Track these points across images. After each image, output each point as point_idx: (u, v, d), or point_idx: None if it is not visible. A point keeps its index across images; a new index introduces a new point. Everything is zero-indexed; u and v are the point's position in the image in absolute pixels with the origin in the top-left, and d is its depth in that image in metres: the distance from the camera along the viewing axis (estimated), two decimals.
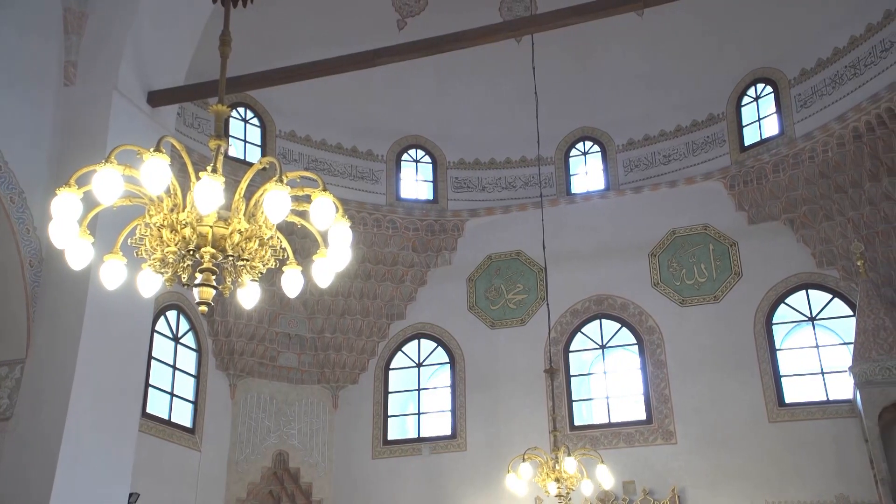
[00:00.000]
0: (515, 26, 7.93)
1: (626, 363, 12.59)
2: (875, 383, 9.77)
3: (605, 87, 13.17)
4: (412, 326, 13.43)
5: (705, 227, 12.45)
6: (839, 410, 10.89)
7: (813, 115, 11.42)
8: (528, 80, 11.42)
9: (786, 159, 11.59)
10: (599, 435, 11.91)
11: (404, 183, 13.71)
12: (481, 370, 12.82)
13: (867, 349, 10.04)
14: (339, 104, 13.23)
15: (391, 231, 13.21)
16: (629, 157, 13.24)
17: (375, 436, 12.87)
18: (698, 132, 12.79)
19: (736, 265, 12.11)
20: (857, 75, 10.87)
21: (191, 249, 3.81)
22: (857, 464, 10.46)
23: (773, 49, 11.99)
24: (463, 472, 12.23)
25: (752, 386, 11.43)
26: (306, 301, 12.87)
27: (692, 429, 11.50)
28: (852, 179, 11.01)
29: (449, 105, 13.59)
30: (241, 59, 8.60)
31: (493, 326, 13.06)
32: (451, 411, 12.81)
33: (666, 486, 11.24)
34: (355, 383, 13.21)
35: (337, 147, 13.41)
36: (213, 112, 4.22)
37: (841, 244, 11.30)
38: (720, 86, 12.61)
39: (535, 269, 12.99)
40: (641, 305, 12.42)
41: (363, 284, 13.14)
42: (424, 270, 13.47)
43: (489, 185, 13.69)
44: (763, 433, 11.15)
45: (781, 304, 11.85)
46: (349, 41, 11.51)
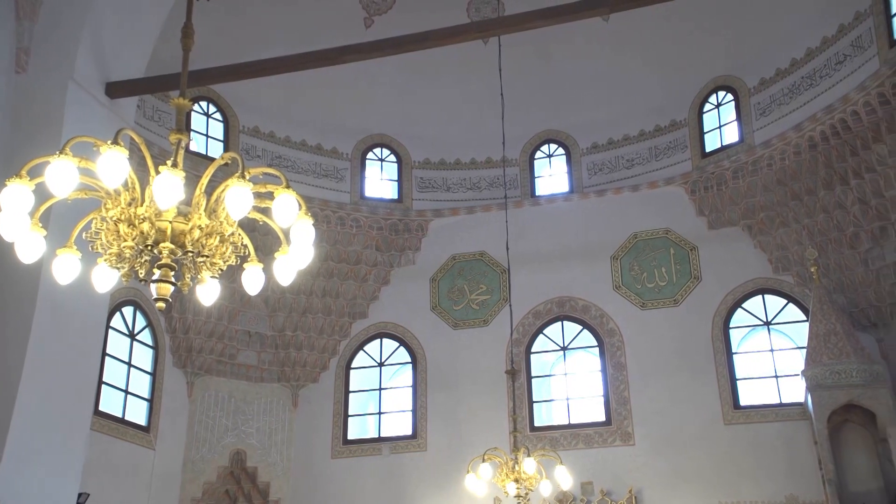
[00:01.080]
0: (482, 27, 7.92)
1: (586, 365, 12.71)
2: (825, 387, 10.01)
3: (570, 90, 13.27)
4: (374, 326, 13.37)
5: (666, 232, 12.62)
6: (791, 413, 11.13)
7: (771, 123, 11.66)
8: (494, 82, 11.45)
9: (745, 166, 11.81)
10: (559, 436, 12.00)
11: (369, 182, 13.65)
12: (443, 370, 12.82)
13: (819, 354, 10.27)
14: (305, 101, 13.12)
15: (355, 230, 13.14)
16: (593, 161, 13.36)
17: (335, 435, 12.78)
18: (661, 137, 12.97)
19: (695, 269, 12.30)
20: (814, 86, 11.13)
21: (149, 245, 3.73)
22: (806, 465, 10.70)
23: (735, 58, 12.21)
24: (423, 472, 12.22)
25: (708, 389, 11.62)
26: (267, 298, 12.73)
27: (650, 430, 11.64)
28: (807, 187, 11.27)
29: (415, 104, 13.56)
30: (205, 52, 8.45)
31: (455, 327, 13.07)
32: (412, 411, 12.78)
33: (623, 486, 11.36)
34: (316, 382, 13.11)
35: (301, 144, 13.29)
36: (175, 105, 4.14)
37: (796, 251, 11.55)
38: (683, 92, 12.80)
39: (498, 271, 13.04)
40: (603, 308, 12.54)
41: (326, 283, 13.04)
42: (388, 270, 13.43)
43: (454, 186, 13.70)
44: (719, 435, 11.34)
45: (738, 309, 12.06)
46: (315, 38, 11.42)
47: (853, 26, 10.64)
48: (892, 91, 9.77)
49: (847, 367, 9.99)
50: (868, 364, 10.04)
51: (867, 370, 9.96)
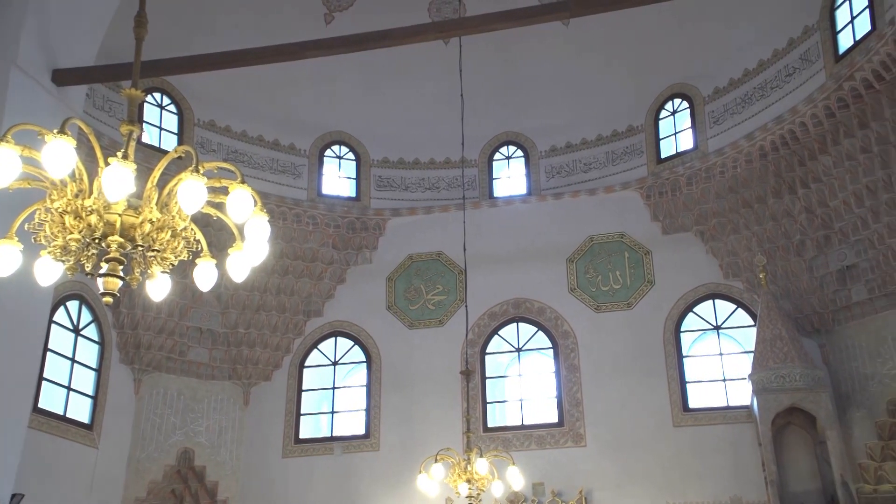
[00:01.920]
0: (443, 28, 7.91)
1: (540, 366, 12.80)
2: (770, 390, 10.26)
3: (530, 93, 13.36)
4: (329, 324, 13.28)
5: (622, 236, 12.79)
6: (737, 416, 11.38)
7: (724, 131, 11.91)
8: (454, 82, 11.47)
9: (698, 173, 12.04)
10: (512, 437, 12.07)
11: (326, 179, 13.54)
12: (398, 370, 12.79)
13: (765, 358, 10.52)
14: (262, 96, 12.96)
15: (311, 227, 13.02)
16: (551, 164, 13.47)
17: (287, 434, 12.65)
18: (618, 142, 13.13)
19: (649, 273, 12.49)
20: (765, 97, 11.41)
21: (96, 238, 3.63)
22: (750, 466, 10.94)
23: (690, 66, 12.43)
24: (375, 471, 12.17)
25: (659, 391, 11.81)
26: (220, 295, 12.53)
27: (601, 432, 11.78)
28: (758, 195, 11.54)
29: (374, 103, 13.50)
30: (160, 42, 8.27)
31: (411, 326, 13.04)
32: (366, 411, 12.72)
33: (574, 487, 11.48)
34: (268, 380, 12.96)
35: (258, 139, 13.12)
36: (126, 96, 4.03)
37: (745, 257, 11.81)
38: (640, 98, 12.99)
39: (455, 271, 13.05)
40: (558, 310, 12.65)
41: (280, 280, 12.89)
42: (344, 268, 13.34)
43: (412, 185, 13.67)
44: (668, 437, 11.54)
45: (690, 313, 12.29)
46: (274, 32, 11.27)
47: (802, 40, 10.94)
48: (838, 104, 10.06)
49: (791, 372, 10.25)
50: (811, 369, 10.32)
51: (810, 375, 10.24)
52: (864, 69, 9.49)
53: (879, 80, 9.40)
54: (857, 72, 9.60)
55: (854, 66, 9.62)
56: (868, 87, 9.60)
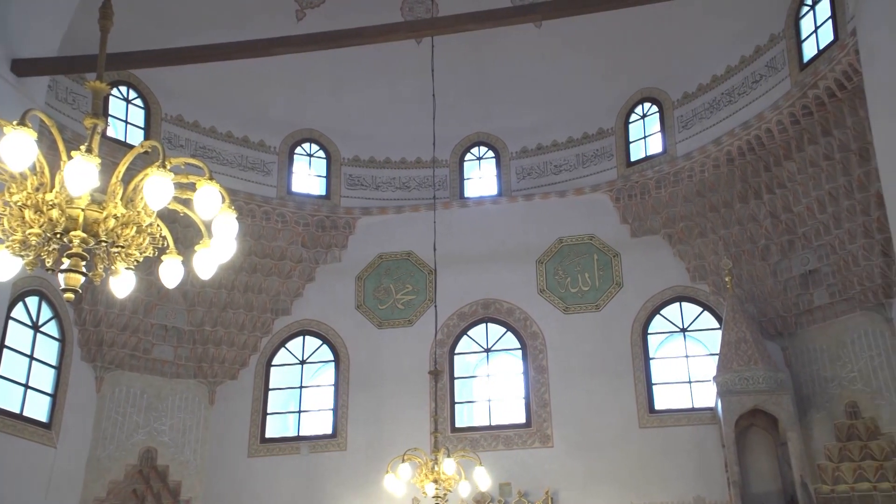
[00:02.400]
0: (415, 27, 7.93)
1: (509, 367, 12.84)
2: (734, 392, 10.41)
3: (501, 94, 13.40)
4: (297, 323, 13.18)
5: (591, 238, 12.88)
6: (702, 417, 11.53)
7: (693, 136, 12.06)
8: (426, 82, 11.45)
9: (667, 177, 12.17)
10: (479, 437, 12.09)
11: (296, 177, 13.44)
12: (366, 369, 12.74)
13: (729, 360, 10.67)
14: (232, 91, 12.82)
15: (280, 225, 12.92)
16: (522, 165, 13.52)
17: (253, 433, 12.54)
18: (588, 145, 13.23)
19: (617, 276, 12.60)
20: (732, 102, 11.57)
21: (58, 232, 3.56)
22: (713, 467, 11.09)
23: (660, 71, 12.56)
24: (342, 471, 12.11)
25: (626, 392, 11.91)
26: (186, 292, 12.38)
27: (568, 433, 11.86)
28: (724, 200, 11.70)
29: (346, 101, 13.43)
30: (127, 34, 8.13)
31: (380, 326, 13.01)
32: (333, 410, 12.66)
33: (541, 487, 11.53)
34: (234, 379, 12.84)
35: (227, 135, 12.97)
36: (91, 88, 3.96)
37: (712, 260, 11.97)
38: (610, 102, 13.10)
39: (424, 271, 13.04)
40: (527, 311, 12.70)
41: (248, 278, 12.77)
42: (313, 266, 13.26)
43: (383, 185, 13.63)
44: (633, 438, 11.64)
45: (657, 315, 12.41)
46: (245, 27, 11.17)
47: (768, 48, 11.12)
48: (802, 112, 10.25)
49: (755, 374, 10.42)
50: (774, 371, 10.49)
51: (773, 377, 10.41)
52: (827, 78, 9.68)
53: (841, 89, 9.59)
54: (820, 80, 9.78)
55: (818, 75, 9.80)
56: (831, 95, 9.79)
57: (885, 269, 9.90)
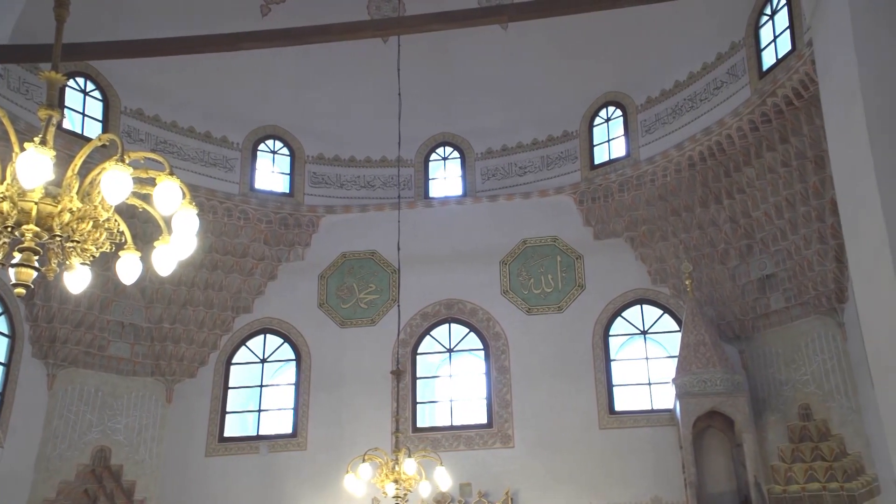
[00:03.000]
0: (382, 26, 7.89)
1: (471, 367, 12.87)
2: (692, 394, 10.57)
3: (467, 95, 13.42)
4: (259, 321, 13.06)
5: (554, 240, 12.97)
6: (660, 419, 11.69)
7: (655, 140, 12.22)
8: (392, 81, 11.42)
9: (630, 180, 12.32)
10: (441, 437, 12.10)
11: (259, 174, 13.30)
12: (328, 369, 12.67)
13: (688, 363, 10.84)
14: (194, 86, 12.64)
15: (243, 222, 12.77)
16: (487, 166, 13.56)
17: (211, 432, 12.38)
18: (553, 147, 13.32)
19: (580, 278, 12.71)
20: (694, 108, 11.76)
21: (9, 226, 3.47)
22: (671, 468, 11.25)
23: (624, 76, 12.71)
24: (301, 471, 12.02)
25: (586, 394, 12.02)
26: (144, 289, 12.17)
27: (529, 433, 11.93)
28: (686, 204, 11.88)
29: (311, 98, 13.33)
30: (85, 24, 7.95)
31: (342, 325, 12.94)
32: (294, 409, 12.55)
33: (501, 487, 11.58)
34: (193, 377, 12.66)
35: (189, 131, 12.78)
36: (45, 79, 3.88)
37: (673, 264, 12.15)
38: (575, 105, 13.20)
39: (388, 270, 13.01)
40: (490, 312, 12.75)
41: (209, 275, 12.61)
42: (275, 264, 13.14)
43: (348, 183, 13.56)
44: (593, 439, 11.76)
45: (618, 317, 12.55)
46: (209, 21, 11.04)
47: (729, 55, 11.32)
48: (761, 119, 10.45)
49: (713, 377, 10.59)
50: (731, 374, 10.68)
51: (730, 380, 10.59)
52: (785, 86, 9.88)
53: (798, 97, 9.81)
54: (778, 88, 9.98)
55: (776, 83, 10.00)
56: (788, 103, 10.00)
57: (838, 275, 10.14)
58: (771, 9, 10.65)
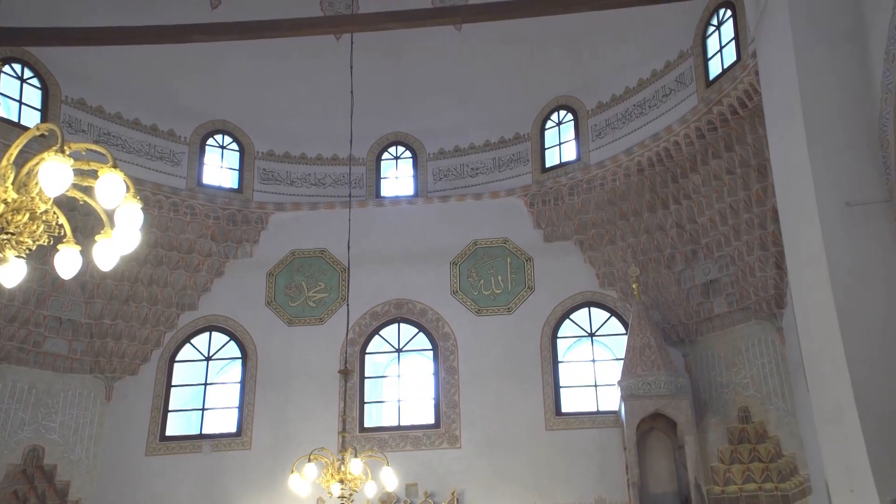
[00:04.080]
0: (335, 23, 7.87)
1: (419, 368, 12.86)
2: (637, 396, 10.76)
3: (421, 95, 13.41)
4: (204, 318, 12.83)
5: (505, 241, 13.06)
6: (606, 420, 11.86)
7: (605, 145, 12.40)
8: (345, 78, 11.33)
9: (580, 184, 12.47)
10: (388, 437, 12.06)
11: (208, 168, 13.07)
12: (275, 367, 12.51)
13: (634, 365, 11.03)
14: (141, 77, 12.34)
15: (189, 217, 12.53)
16: (439, 167, 13.57)
17: (152, 431, 12.11)
18: (505, 149, 13.41)
19: (530, 279, 12.81)
20: (643, 114, 11.97)
21: None
22: (615, 469, 11.43)
23: (576, 80, 12.86)
24: (245, 471, 11.85)
25: (534, 395, 12.12)
26: (85, 284, 11.83)
27: (476, 434, 11.98)
28: (634, 208, 12.09)
29: (262, 93, 13.15)
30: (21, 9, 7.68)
31: (290, 323, 12.80)
32: (239, 408, 12.36)
33: (447, 488, 11.60)
34: (134, 374, 12.38)
35: (134, 123, 12.47)
36: None
37: (620, 267, 12.35)
38: (528, 108, 13.31)
39: (338, 269, 12.91)
40: (439, 312, 12.76)
41: (153, 270, 12.33)
42: (222, 261, 12.92)
43: (298, 180, 13.42)
44: (539, 440, 11.86)
45: (567, 320, 12.69)
46: (157, 10, 10.79)
47: (677, 63, 11.56)
48: (707, 127, 10.70)
49: (657, 379, 10.79)
50: (675, 377, 10.90)
51: (673, 382, 10.81)
52: (730, 96, 10.13)
53: (743, 107, 10.07)
54: (724, 98, 10.23)
55: (722, 93, 10.25)
56: (733, 112, 10.25)
57: (778, 281, 10.44)
58: (717, 20, 10.91)
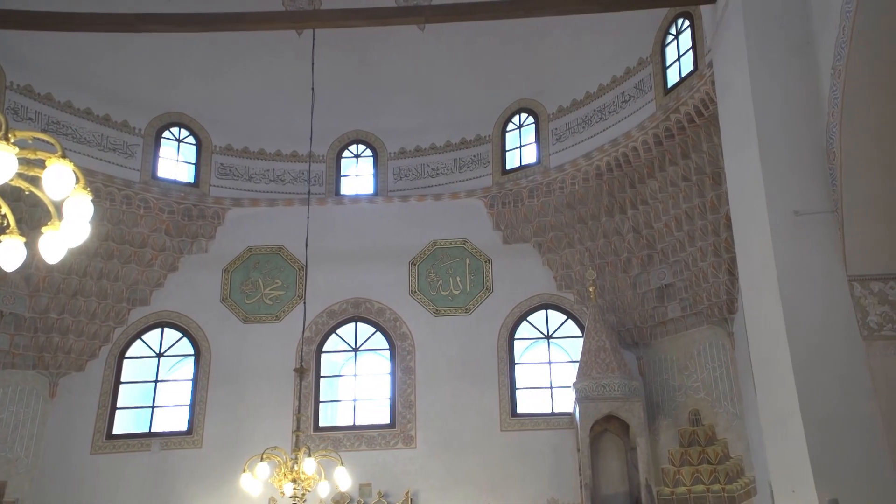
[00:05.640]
0: (297, 18, 7.77)
1: (376, 367, 12.80)
2: (591, 399, 10.87)
3: (383, 94, 13.34)
4: (157, 314, 12.58)
5: (464, 242, 13.08)
6: (560, 422, 11.95)
7: (565, 149, 12.50)
8: (306, 75, 11.22)
9: (540, 187, 12.56)
10: (342, 437, 11.98)
11: (163, 162, 12.82)
12: (228, 365, 12.33)
13: (589, 367, 11.14)
14: (93, 66, 12.05)
15: (143, 210, 12.28)
16: (399, 166, 13.53)
17: (98, 429, 11.82)
18: (466, 150, 13.43)
19: (488, 281, 12.85)
20: (603, 119, 12.11)
21: None
22: (568, 470, 11.52)
23: (538, 84, 12.93)
24: (196, 470, 11.65)
25: (490, 396, 12.15)
26: (29, 277, 11.51)
27: (432, 434, 11.96)
28: (592, 212, 12.22)
29: (221, 87, 12.95)
30: None
31: (245, 321, 12.63)
32: (190, 406, 12.15)
33: (401, 488, 11.56)
34: (81, 371, 12.07)
35: (86, 112, 12.16)
36: None
37: (578, 270, 12.46)
38: (489, 110, 13.35)
39: (295, 267, 12.78)
40: (397, 312, 12.71)
41: (104, 264, 12.05)
42: (177, 256, 12.69)
43: (256, 176, 13.25)
44: (494, 441, 11.89)
45: (524, 322, 12.75)
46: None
47: (637, 70, 11.72)
48: (665, 134, 10.87)
49: (611, 381, 10.92)
50: (628, 379, 11.04)
51: (627, 385, 10.95)
52: (687, 104, 10.31)
53: (699, 115, 10.25)
54: (681, 106, 10.40)
55: (679, 101, 10.42)
56: (690, 121, 10.43)
57: (730, 287, 10.65)
58: (676, 29, 11.09)
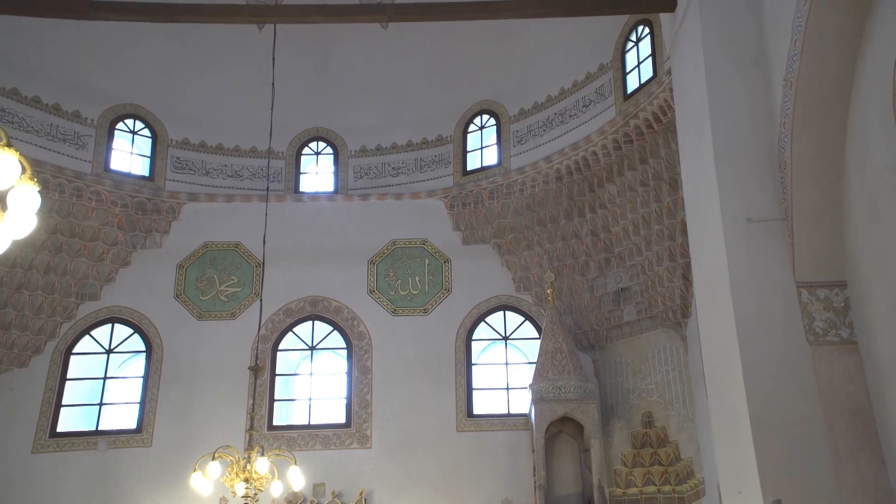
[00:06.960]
0: (257, 12, 7.66)
1: (332, 366, 12.70)
2: (547, 400, 10.93)
3: (344, 91, 13.24)
4: (107, 309, 12.31)
5: (424, 242, 13.04)
6: (516, 423, 11.98)
7: (526, 151, 12.55)
8: (267, 71, 11.07)
9: (500, 188, 12.58)
10: (297, 436, 11.85)
11: (116, 154, 12.54)
12: (181, 362, 12.12)
13: (545, 369, 11.20)
14: (43, 52, 11.73)
15: (94, 203, 11.99)
16: (360, 164, 13.44)
17: (41, 427, 11.50)
18: (427, 150, 13.39)
19: (447, 281, 12.83)
20: (564, 123, 12.18)
21: None
22: (523, 471, 11.55)
23: (500, 86, 12.96)
24: (144, 469, 11.42)
25: (446, 396, 12.14)
26: None
27: (387, 434, 11.90)
28: (551, 215, 12.28)
29: (178, 79, 12.72)
30: None
31: (200, 318, 12.42)
32: (140, 404, 11.90)
33: (355, 488, 11.48)
34: (24, 367, 11.75)
35: (34, 100, 11.85)
36: None
37: (536, 272, 12.52)
38: (451, 110, 13.33)
39: (252, 263, 12.61)
40: (355, 311, 12.62)
41: (51, 258, 11.73)
42: (129, 250, 12.43)
43: (214, 171, 13.04)
44: (450, 441, 11.87)
45: (482, 322, 12.76)
46: None
47: (597, 76, 11.82)
48: (624, 139, 10.98)
49: (567, 383, 10.99)
50: (584, 381, 11.12)
51: (582, 387, 11.03)
52: (646, 110, 10.43)
53: (658, 121, 10.37)
54: (640, 112, 10.52)
55: (638, 107, 10.54)
56: (648, 126, 10.55)
57: (684, 291, 10.79)
58: (636, 36, 11.21)
